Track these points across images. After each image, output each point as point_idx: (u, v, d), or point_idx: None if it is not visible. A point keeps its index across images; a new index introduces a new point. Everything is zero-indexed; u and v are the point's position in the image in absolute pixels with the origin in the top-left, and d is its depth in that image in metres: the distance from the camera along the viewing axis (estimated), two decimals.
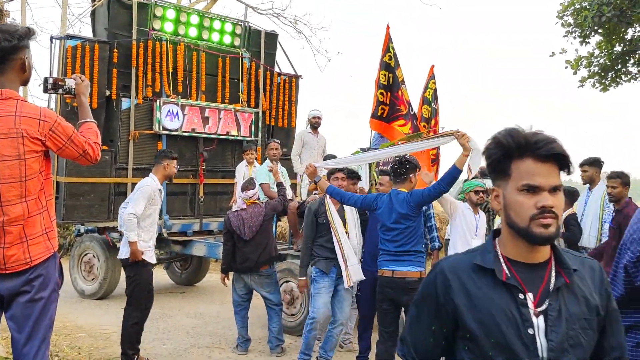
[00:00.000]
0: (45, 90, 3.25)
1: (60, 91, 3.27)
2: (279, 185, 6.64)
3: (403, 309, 4.98)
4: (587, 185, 6.99)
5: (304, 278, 5.84)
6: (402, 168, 5.09)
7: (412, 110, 7.57)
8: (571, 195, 6.90)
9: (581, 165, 7.06)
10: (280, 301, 6.41)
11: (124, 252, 5.65)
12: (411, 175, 5.10)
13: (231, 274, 6.55)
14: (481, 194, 5.81)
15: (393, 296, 4.87)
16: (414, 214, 4.93)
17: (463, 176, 5.58)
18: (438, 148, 8.11)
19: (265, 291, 6.31)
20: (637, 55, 13.05)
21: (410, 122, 7.42)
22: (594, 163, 6.95)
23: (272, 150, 8.13)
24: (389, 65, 7.42)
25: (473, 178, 5.62)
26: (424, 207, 5.17)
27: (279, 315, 6.33)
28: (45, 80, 3.23)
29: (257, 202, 6.39)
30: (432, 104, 8.41)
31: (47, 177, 3.03)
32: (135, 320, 5.64)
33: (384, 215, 4.99)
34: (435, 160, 8.05)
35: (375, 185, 6.80)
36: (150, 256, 5.69)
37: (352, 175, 5.95)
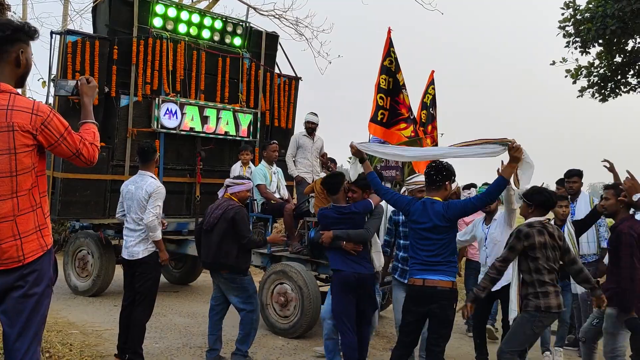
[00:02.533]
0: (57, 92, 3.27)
1: (62, 92, 3.26)
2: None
3: (429, 318, 4.68)
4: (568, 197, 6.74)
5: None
6: (439, 175, 4.70)
7: (412, 114, 7.56)
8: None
9: (572, 176, 6.96)
10: (251, 309, 5.78)
11: (140, 252, 5.59)
12: (447, 182, 4.73)
13: None
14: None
15: (421, 307, 4.60)
16: (451, 226, 4.64)
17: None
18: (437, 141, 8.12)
19: (232, 295, 5.82)
20: (637, 67, 13.07)
21: (412, 125, 7.41)
22: (581, 174, 6.92)
23: (275, 152, 8.22)
24: (390, 70, 7.41)
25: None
26: None
27: (243, 324, 5.79)
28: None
29: (234, 199, 5.88)
30: (430, 109, 8.41)
31: (42, 173, 2.98)
32: (149, 317, 5.69)
33: (418, 223, 4.66)
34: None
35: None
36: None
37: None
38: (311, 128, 9.09)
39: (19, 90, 2.99)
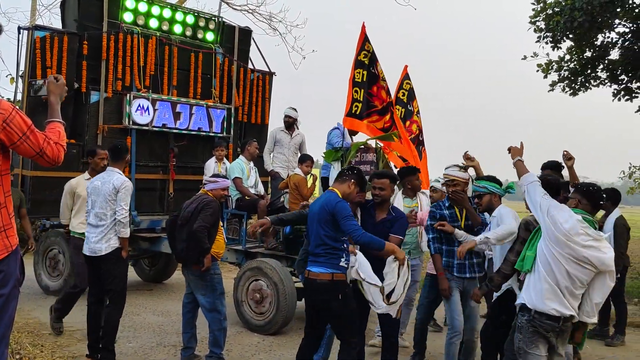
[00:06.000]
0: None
1: (40, 92, 3.21)
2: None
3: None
4: None
5: None
6: (349, 170, 4.88)
7: (391, 105, 7.48)
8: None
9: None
10: (216, 309, 5.66)
11: (103, 248, 5.51)
12: (353, 181, 4.77)
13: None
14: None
15: (309, 299, 4.81)
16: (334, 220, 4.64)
17: None
18: (421, 132, 8.10)
19: (199, 294, 5.70)
20: (606, 61, 13.26)
21: (387, 117, 7.34)
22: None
23: (257, 149, 8.27)
24: (364, 64, 7.38)
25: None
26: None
27: (211, 326, 5.69)
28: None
29: (210, 194, 5.78)
30: (408, 105, 8.36)
31: (6, 172, 2.91)
32: (120, 315, 5.64)
33: (311, 212, 4.79)
34: (421, 144, 8.05)
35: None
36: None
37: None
38: (288, 122, 9.05)
39: None
